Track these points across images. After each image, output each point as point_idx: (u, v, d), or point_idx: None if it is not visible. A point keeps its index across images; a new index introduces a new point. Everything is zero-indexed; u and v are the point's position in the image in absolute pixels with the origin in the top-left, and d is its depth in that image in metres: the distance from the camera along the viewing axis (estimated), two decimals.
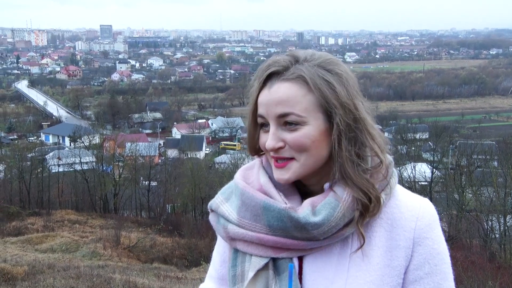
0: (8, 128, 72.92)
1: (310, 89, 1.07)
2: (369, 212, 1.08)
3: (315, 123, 1.08)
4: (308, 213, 1.08)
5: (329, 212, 1.07)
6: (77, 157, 33.59)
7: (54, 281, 10.44)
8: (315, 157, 1.10)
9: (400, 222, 1.11)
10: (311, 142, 1.08)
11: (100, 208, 30.57)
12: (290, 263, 1.12)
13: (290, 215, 1.08)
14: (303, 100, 1.07)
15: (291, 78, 1.08)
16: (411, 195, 1.16)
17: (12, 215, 24.86)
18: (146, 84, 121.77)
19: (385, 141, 1.15)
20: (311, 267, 1.12)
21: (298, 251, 1.11)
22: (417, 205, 1.13)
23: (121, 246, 19.50)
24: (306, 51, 1.14)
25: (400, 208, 1.12)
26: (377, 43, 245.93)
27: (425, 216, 1.12)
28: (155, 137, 66.38)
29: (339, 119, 1.07)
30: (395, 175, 1.16)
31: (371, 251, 1.09)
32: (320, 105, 1.07)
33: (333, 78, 1.08)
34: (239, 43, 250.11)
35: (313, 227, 1.07)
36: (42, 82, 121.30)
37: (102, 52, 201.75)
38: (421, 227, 1.11)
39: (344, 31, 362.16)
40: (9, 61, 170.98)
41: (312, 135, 1.08)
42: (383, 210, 1.11)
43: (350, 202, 1.07)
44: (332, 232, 1.08)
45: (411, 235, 1.10)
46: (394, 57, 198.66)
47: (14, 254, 16.40)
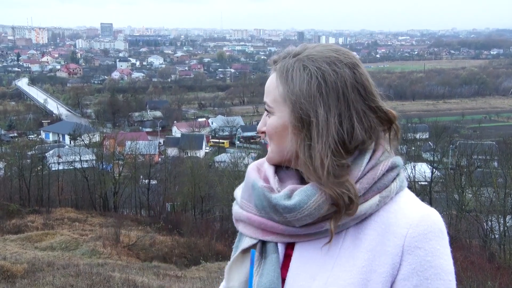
0: (8, 125, 72.86)
1: (281, 81, 1.11)
2: (341, 210, 1.06)
3: (279, 115, 1.12)
4: (281, 196, 1.10)
5: (302, 199, 1.07)
6: (77, 155, 33.60)
7: (54, 279, 10.44)
8: (278, 147, 1.14)
9: (393, 228, 1.07)
10: (274, 132, 1.14)
11: (100, 206, 30.58)
12: (252, 249, 1.16)
13: (264, 193, 1.13)
14: (274, 91, 1.13)
15: (274, 69, 1.15)
16: (416, 203, 1.11)
17: (12, 212, 24.87)
18: (146, 83, 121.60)
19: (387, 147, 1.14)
20: (298, 259, 1.12)
21: (283, 236, 1.12)
22: (416, 213, 1.08)
23: (120, 244, 19.51)
24: (312, 44, 1.14)
25: (397, 214, 1.08)
26: (378, 43, 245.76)
27: (420, 225, 1.06)
28: (155, 136, 66.36)
29: (294, 115, 1.09)
30: (401, 179, 1.12)
31: (358, 253, 1.07)
32: (285, 99, 1.10)
33: (301, 73, 1.08)
34: (240, 42, 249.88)
35: (284, 210, 1.09)
36: (42, 80, 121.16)
37: (103, 50, 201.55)
38: (413, 235, 1.05)
39: (344, 31, 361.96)
40: (9, 59, 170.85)
41: (274, 125, 1.13)
42: (379, 213, 1.08)
43: (329, 195, 1.07)
44: (307, 221, 1.08)
45: (401, 242, 1.05)
46: (395, 57, 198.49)
47: (14, 252, 16.40)
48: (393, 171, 1.12)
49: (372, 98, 1.11)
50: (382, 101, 1.15)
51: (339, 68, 1.09)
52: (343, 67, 1.09)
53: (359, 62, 1.14)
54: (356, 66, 1.11)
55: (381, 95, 1.16)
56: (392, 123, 1.14)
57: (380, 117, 1.12)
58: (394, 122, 1.15)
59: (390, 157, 1.13)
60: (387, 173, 1.11)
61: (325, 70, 1.08)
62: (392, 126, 1.15)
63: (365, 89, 1.10)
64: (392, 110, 1.15)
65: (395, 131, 1.15)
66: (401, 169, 1.14)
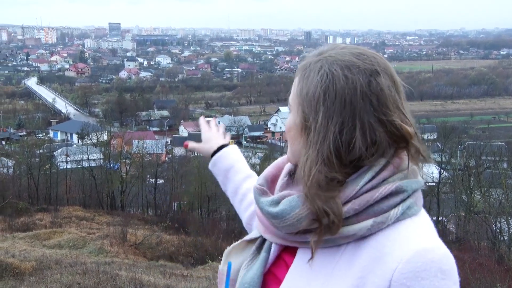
0: (18, 124, 73.39)
1: (298, 79, 1.07)
2: (321, 228, 1.00)
3: (294, 114, 1.07)
4: (268, 201, 1.08)
5: (285, 208, 1.04)
6: (84, 154, 33.78)
7: (61, 277, 10.49)
8: (292, 148, 1.09)
9: (386, 258, 0.96)
10: (288, 131, 1.09)
11: (107, 205, 30.71)
12: (229, 261, 1.17)
13: (255, 194, 1.13)
14: (293, 89, 1.08)
15: (298, 67, 1.10)
16: (421, 235, 0.98)
17: (21, 210, 25.03)
18: (153, 82, 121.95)
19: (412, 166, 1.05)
20: (298, 263, 1.08)
21: (277, 237, 1.10)
22: (413, 247, 0.95)
23: (127, 243, 19.57)
24: (343, 46, 1.08)
25: (394, 244, 0.97)
26: (386, 43, 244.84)
27: (413, 261, 0.94)
28: (162, 135, 66.55)
29: (300, 116, 1.05)
30: (406, 205, 1.01)
31: (349, 277, 0.99)
32: (299, 97, 1.06)
33: (315, 75, 1.02)
34: (247, 42, 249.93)
35: (268, 216, 1.07)
36: (51, 79, 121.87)
37: (111, 50, 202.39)
38: (403, 271, 0.94)
39: (352, 31, 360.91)
40: (19, 58, 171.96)
41: (289, 125, 1.09)
42: (377, 238, 0.99)
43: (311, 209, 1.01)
44: (290, 230, 1.04)
45: (389, 277, 0.95)
46: (403, 57, 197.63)
47: (22, 250, 16.50)
48: (396, 197, 1.01)
49: (384, 111, 1.00)
50: (403, 115, 1.03)
51: (352, 73, 1.00)
52: (358, 73, 1.00)
53: (385, 70, 1.03)
54: (374, 74, 1.01)
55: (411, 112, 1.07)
56: (406, 141, 1.02)
57: (391, 132, 1.00)
58: (409, 141, 1.02)
59: (398, 180, 1.02)
60: (389, 197, 1.00)
61: (336, 74, 1.00)
62: (409, 146, 1.03)
63: (378, 99, 1.00)
64: (408, 127, 1.02)
65: (415, 151, 1.04)
66: (409, 195, 1.02)
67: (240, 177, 1.51)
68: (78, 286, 9.74)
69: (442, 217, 26.69)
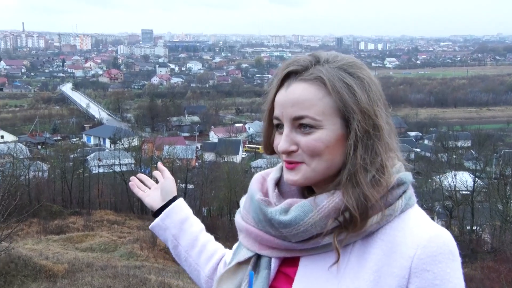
0: (53, 129, 75.20)
1: (328, 91, 1.02)
2: (350, 226, 1.00)
3: (331, 128, 1.02)
4: (277, 210, 1.06)
5: (299, 214, 1.02)
6: (116, 158, 34.34)
7: (92, 280, 10.64)
8: (327, 163, 1.04)
9: (399, 248, 0.99)
10: (325, 147, 1.02)
11: (137, 209, 31.06)
12: (250, 271, 1.11)
13: (260, 207, 1.09)
14: (319, 102, 1.02)
15: (309, 78, 1.03)
16: (426, 222, 1.03)
17: (55, 214, 25.60)
18: (184, 88, 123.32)
19: (400, 157, 1.09)
20: (303, 274, 1.06)
21: (278, 251, 1.08)
22: (425, 233, 0.99)
23: (157, 247, 19.73)
24: (329, 53, 1.08)
25: (405, 233, 1.00)
26: (418, 49, 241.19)
27: (430, 246, 0.98)
28: (192, 140, 67.13)
29: (357, 125, 1.01)
30: (407, 196, 1.05)
31: (364, 274, 1.00)
32: (338, 109, 1.02)
33: (354, 81, 1.02)
34: (278, 48, 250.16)
35: (280, 225, 1.04)
36: (85, 85, 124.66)
37: (143, 56, 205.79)
38: (422, 257, 0.97)
39: (384, 36, 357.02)
40: (55, 65, 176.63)
41: (326, 140, 1.02)
42: (385, 231, 1.01)
43: (327, 212, 1.01)
44: (303, 237, 1.03)
45: (408, 264, 0.98)
46: (436, 63, 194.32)
47: (56, 252, 16.83)
48: (398, 189, 1.04)
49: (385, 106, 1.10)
50: None
51: (371, 75, 1.07)
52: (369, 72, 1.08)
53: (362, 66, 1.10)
54: (364, 67, 1.10)
55: None
56: None
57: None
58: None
59: (396, 173, 1.05)
60: (392, 190, 1.03)
61: (366, 75, 1.05)
62: None
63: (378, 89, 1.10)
64: None
65: None
66: (408, 186, 1.06)
67: (196, 229, 1.44)
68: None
69: (477, 227, 26.00)
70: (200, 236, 1.43)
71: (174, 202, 1.48)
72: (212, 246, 1.42)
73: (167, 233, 1.44)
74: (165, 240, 1.46)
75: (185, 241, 1.42)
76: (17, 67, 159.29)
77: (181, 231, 1.43)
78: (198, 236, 1.42)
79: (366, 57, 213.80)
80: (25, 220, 19.82)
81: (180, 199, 1.50)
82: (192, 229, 1.43)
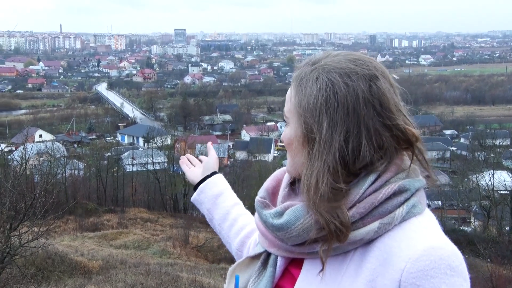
0: (88, 128, 76.84)
1: (295, 91, 1.05)
2: (330, 236, 0.98)
3: (293, 126, 1.05)
4: (272, 213, 1.07)
5: (290, 219, 1.02)
6: (149, 157, 34.80)
7: (125, 277, 10.79)
8: (293, 160, 1.07)
9: (393, 259, 0.94)
10: (288, 143, 1.07)
11: (170, 207, 31.42)
12: (236, 274, 1.16)
13: (257, 208, 1.12)
14: (289, 101, 1.06)
15: (292, 78, 1.09)
16: (428, 233, 0.97)
17: (90, 211, 26.13)
18: (217, 87, 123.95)
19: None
20: (305, 276, 1.06)
21: (283, 251, 1.08)
22: (420, 245, 0.93)
23: (189, 245, 19.90)
24: (337, 53, 1.06)
25: (400, 243, 0.95)
26: (455, 45, 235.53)
27: (421, 260, 0.92)
28: (224, 139, 67.47)
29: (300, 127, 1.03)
30: (410, 204, 0.99)
31: (358, 283, 0.97)
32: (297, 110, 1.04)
33: (313, 85, 1.01)
34: (310, 46, 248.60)
35: (272, 228, 1.05)
36: (119, 85, 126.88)
37: (176, 56, 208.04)
38: (411, 271, 0.92)
39: (419, 33, 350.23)
40: (91, 65, 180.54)
41: (288, 137, 1.07)
42: (383, 240, 0.97)
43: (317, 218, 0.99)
44: (297, 241, 1.02)
45: (398, 277, 0.93)
46: (473, 60, 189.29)
47: (91, 249, 17.17)
48: (400, 196, 0.99)
49: (388, 115, 0.99)
50: (405, 117, 1.02)
51: (352, 81, 0.98)
52: (358, 80, 0.99)
53: (382, 73, 1.02)
54: (374, 79, 1.00)
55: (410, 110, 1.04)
56: (411, 144, 1.01)
57: (397, 136, 1.00)
58: (414, 144, 1.01)
59: (400, 180, 1.00)
60: (392, 197, 0.99)
61: (336, 82, 0.99)
62: (414, 148, 1.01)
63: (381, 104, 0.99)
64: (413, 129, 1.01)
65: (419, 153, 1.02)
66: (412, 194, 1.01)
67: (229, 203, 1.51)
68: (141, 286, 9.97)
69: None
70: (232, 211, 1.49)
71: (210, 178, 1.55)
72: (243, 221, 1.47)
73: (203, 207, 1.53)
74: (203, 213, 1.55)
75: (218, 215, 1.49)
76: (55, 67, 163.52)
77: (214, 205, 1.50)
78: (230, 210, 1.49)
79: (400, 54, 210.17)
80: (62, 217, 20.29)
81: (218, 175, 1.57)
82: (225, 204, 1.50)
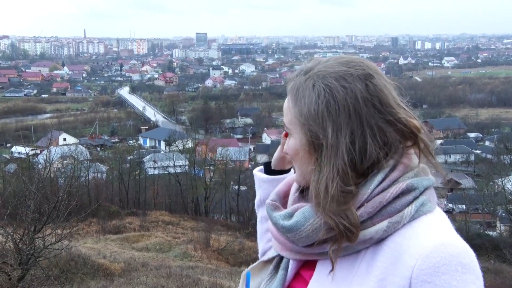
0: (111, 131, 77.85)
1: (293, 102, 1.06)
2: (339, 237, 0.99)
3: (297, 137, 1.06)
4: (281, 215, 1.08)
5: (299, 220, 1.03)
6: (171, 160, 35.07)
7: (147, 279, 10.86)
8: (301, 170, 1.08)
9: (404, 257, 0.95)
10: (294, 154, 1.08)
11: (191, 210, 31.57)
12: (247, 271, 1.18)
13: (267, 210, 1.14)
14: (289, 112, 1.07)
15: (288, 90, 1.10)
16: (437, 231, 0.97)
17: (113, 214, 26.41)
18: (238, 90, 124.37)
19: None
20: (317, 277, 1.06)
21: (294, 253, 1.08)
22: (430, 242, 0.94)
23: (210, 248, 19.93)
24: (327, 59, 1.07)
25: (410, 241, 0.96)
26: (479, 47, 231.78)
27: (432, 256, 0.92)
28: (245, 142, 67.56)
29: (304, 137, 1.04)
30: (419, 202, 1.00)
31: (369, 282, 0.98)
32: (298, 120, 1.05)
33: (310, 93, 1.02)
34: (331, 49, 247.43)
35: (283, 230, 1.07)
36: (141, 88, 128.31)
37: (197, 59, 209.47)
38: (422, 267, 0.92)
39: (442, 35, 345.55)
40: (113, 69, 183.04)
41: (293, 148, 1.07)
42: (393, 239, 0.98)
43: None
44: (307, 242, 1.03)
45: (409, 274, 0.93)
46: (499, 61, 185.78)
47: (113, 251, 17.34)
48: (408, 195, 1.00)
49: (389, 111, 1.00)
50: (406, 110, 1.03)
51: (348, 82, 1.00)
52: (354, 81, 1.00)
53: (376, 71, 1.04)
54: (369, 77, 1.01)
55: (409, 103, 1.05)
56: (415, 136, 1.02)
57: (401, 130, 1.01)
58: (418, 135, 1.02)
59: (408, 179, 1.01)
60: (401, 196, 1.00)
61: (333, 86, 1.00)
62: (418, 140, 1.02)
63: (380, 101, 1.00)
64: (414, 121, 1.03)
65: (424, 146, 1.03)
66: (421, 192, 1.01)
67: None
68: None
69: None
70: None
71: (279, 174, 1.39)
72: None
73: (258, 192, 1.45)
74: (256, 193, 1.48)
75: (261, 213, 1.46)
76: (78, 72, 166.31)
77: (263, 203, 1.41)
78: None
79: (423, 56, 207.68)
80: (85, 219, 20.53)
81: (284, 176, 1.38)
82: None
